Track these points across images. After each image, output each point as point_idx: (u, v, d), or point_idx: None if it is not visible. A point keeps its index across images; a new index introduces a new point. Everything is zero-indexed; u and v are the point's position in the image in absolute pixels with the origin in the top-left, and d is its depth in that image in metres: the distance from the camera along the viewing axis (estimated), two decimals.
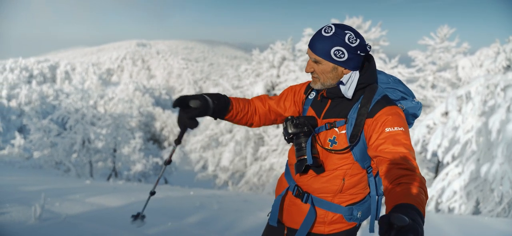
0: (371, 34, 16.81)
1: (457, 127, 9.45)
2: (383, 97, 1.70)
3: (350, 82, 1.72)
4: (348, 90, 1.72)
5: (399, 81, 1.84)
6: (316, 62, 1.72)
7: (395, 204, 1.26)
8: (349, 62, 1.68)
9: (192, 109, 1.77)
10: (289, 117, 1.82)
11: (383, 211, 6.19)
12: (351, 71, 1.71)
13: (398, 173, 1.44)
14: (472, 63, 15.63)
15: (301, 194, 1.84)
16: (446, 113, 12.22)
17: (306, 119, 1.80)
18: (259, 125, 2.10)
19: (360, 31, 16.65)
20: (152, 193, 2.03)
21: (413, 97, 1.83)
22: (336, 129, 1.74)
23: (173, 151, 2.00)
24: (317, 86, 1.79)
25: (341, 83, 1.72)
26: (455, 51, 17.62)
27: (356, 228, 1.90)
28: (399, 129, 1.58)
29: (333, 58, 1.67)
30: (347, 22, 16.91)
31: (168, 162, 1.96)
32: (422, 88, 17.17)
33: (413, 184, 1.37)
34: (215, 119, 1.94)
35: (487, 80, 9.16)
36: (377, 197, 1.83)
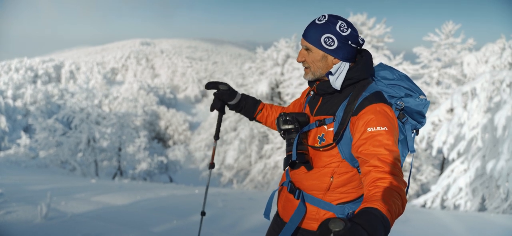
0: (376, 31, 16.74)
1: (463, 123, 9.41)
2: (374, 93, 1.65)
3: (338, 73, 1.69)
4: (336, 80, 1.69)
5: (406, 76, 1.79)
6: (307, 50, 1.72)
7: (362, 208, 1.25)
8: (338, 51, 1.66)
9: (222, 90, 2.14)
10: (281, 113, 1.82)
11: None
12: (341, 61, 1.69)
13: (374, 177, 1.42)
14: (478, 59, 15.50)
15: (294, 190, 1.85)
16: (451, 110, 12.17)
17: (296, 116, 1.80)
18: None
19: (365, 28, 16.59)
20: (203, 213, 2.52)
21: (420, 93, 1.76)
22: (325, 126, 1.72)
23: (214, 149, 2.37)
24: (308, 77, 1.78)
25: (330, 73, 1.70)
26: (460, 47, 17.51)
27: None
28: (382, 129, 1.52)
29: (323, 46, 1.66)
30: (351, 19, 16.84)
31: (212, 165, 2.36)
32: (427, 85, 17.10)
33: (387, 188, 1.35)
34: (251, 119, 2.25)
35: (493, 76, 9.10)
36: None
